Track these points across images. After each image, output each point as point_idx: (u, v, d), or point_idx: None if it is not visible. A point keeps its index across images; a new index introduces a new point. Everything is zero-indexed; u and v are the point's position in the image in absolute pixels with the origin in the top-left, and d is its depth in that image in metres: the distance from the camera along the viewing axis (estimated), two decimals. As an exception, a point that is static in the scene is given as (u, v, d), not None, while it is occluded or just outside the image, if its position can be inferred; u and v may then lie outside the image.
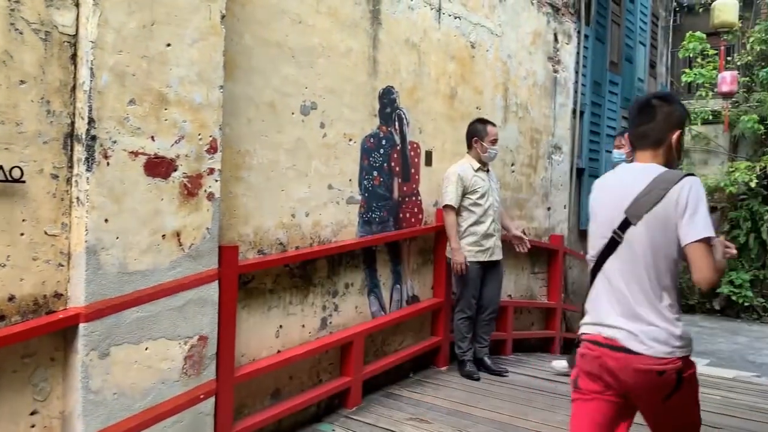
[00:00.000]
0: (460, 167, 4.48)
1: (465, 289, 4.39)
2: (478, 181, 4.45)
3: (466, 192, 4.42)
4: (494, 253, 4.48)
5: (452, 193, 4.39)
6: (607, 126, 7.23)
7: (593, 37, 6.82)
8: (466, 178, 4.42)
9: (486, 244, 4.44)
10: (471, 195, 4.43)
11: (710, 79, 12.18)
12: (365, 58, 3.93)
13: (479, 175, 4.47)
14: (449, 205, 4.39)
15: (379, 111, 4.05)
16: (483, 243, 4.43)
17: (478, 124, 4.56)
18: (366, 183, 3.96)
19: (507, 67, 5.35)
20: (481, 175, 4.49)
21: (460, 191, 4.40)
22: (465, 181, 4.41)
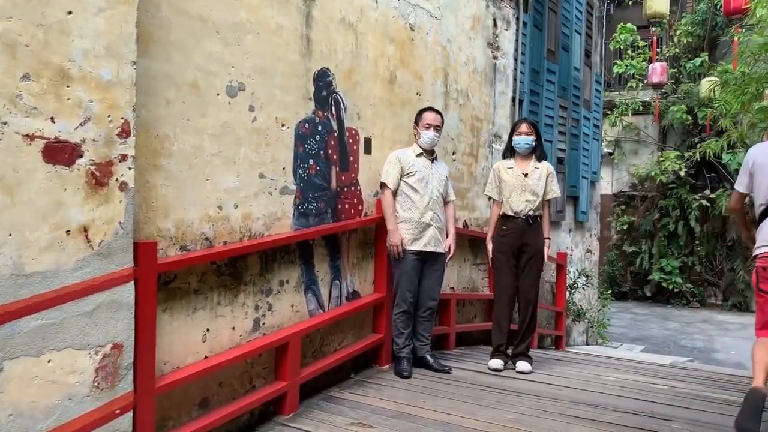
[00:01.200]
0: (402, 151, 4.37)
1: (400, 281, 4.21)
2: (417, 165, 4.28)
3: (403, 174, 4.26)
4: (430, 243, 4.28)
5: (388, 173, 4.25)
6: (545, 115, 7.17)
7: (531, 24, 6.73)
8: (405, 160, 4.28)
9: (421, 234, 4.25)
10: (407, 178, 4.26)
11: (641, 70, 12.45)
12: (298, 37, 3.65)
13: (419, 161, 4.31)
14: (385, 184, 4.24)
15: (315, 94, 3.78)
16: (417, 232, 4.24)
17: (420, 111, 4.44)
18: (301, 172, 3.69)
19: (447, 52, 5.16)
20: (421, 160, 4.32)
21: (398, 172, 4.25)
22: (402, 163, 4.27)
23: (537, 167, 4.54)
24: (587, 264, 9.09)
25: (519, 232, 4.46)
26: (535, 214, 4.48)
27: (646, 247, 13.66)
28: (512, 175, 4.54)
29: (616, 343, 9.62)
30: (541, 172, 4.53)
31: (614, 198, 14.46)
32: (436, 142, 4.40)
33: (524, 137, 4.51)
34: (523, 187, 4.48)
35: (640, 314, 12.59)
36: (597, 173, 9.35)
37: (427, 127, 4.32)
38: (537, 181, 4.49)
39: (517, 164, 4.58)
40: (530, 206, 4.45)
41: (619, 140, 14.35)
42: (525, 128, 4.53)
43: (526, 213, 4.45)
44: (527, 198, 4.46)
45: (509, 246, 4.47)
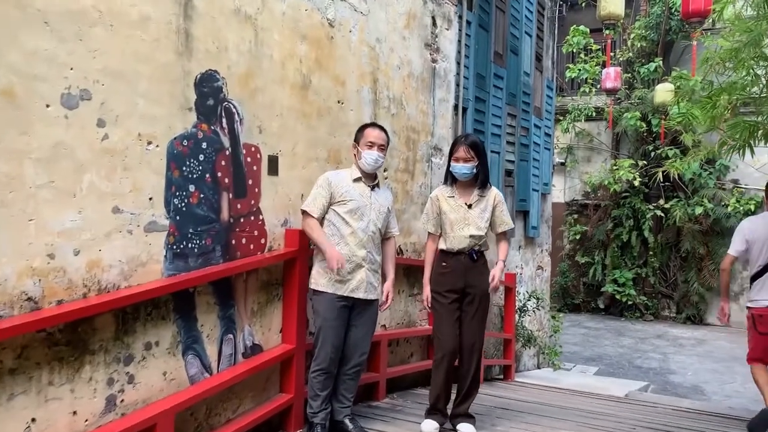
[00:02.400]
0: (335, 173, 3.62)
1: (322, 333, 3.42)
2: (352, 192, 3.52)
3: (333, 202, 3.48)
4: (360, 288, 3.49)
5: (314, 198, 3.48)
6: (492, 124, 6.53)
7: (476, 23, 6.08)
8: (337, 185, 3.51)
9: (350, 276, 3.46)
10: (338, 207, 3.48)
11: (594, 75, 12.00)
12: (172, 31, 2.86)
13: (356, 187, 3.55)
14: (305, 212, 3.47)
15: (197, 103, 3.00)
16: (345, 273, 3.44)
17: (361, 127, 3.69)
18: (177, 202, 2.90)
19: (376, 53, 4.43)
20: (358, 187, 3.56)
21: (325, 199, 3.47)
22: (334, 188, 3.50)
23: (482, 196, 3.80)
24: (538, 282, 8.51)
25: (461, 271, 3.73)
26: (481, 249, 3.79)
27: (599, 257, 13.24)
28: (453, 207, 3.79)
29: (569, 364, 9.08)
30: (486, 202, 3.80)
31: (566, 207, 14.01)
32: (380, 164, 3.60)
33: (462, 165, 3.72)
34: (465, 220, 3.75)
35: (593, 329, 12.13)
36: (548, 184, 8.78)
37: (370, 145, 3.55)
38: (482, 213, 3.78)
39: (459, 193, 3.82)
40: (474, 242, 3.74)
41: (571, 147, 13.90)
42: (463, 153, 3.72)
43: (470, 249, 3.75)
44: (471, 233, 3.72)
45: (450, 287, 3.74)
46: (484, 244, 3.81)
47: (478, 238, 3.75)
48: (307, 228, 3.47)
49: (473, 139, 3.83)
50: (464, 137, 3.87)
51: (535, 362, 8.47)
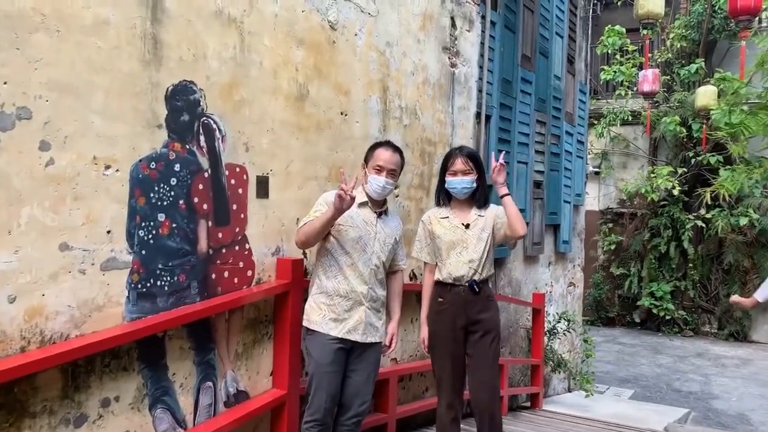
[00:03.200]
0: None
1: (314, 379, 2.97)
2: (355, 218, 3.01)
3: (336, 226, 2.98)
4: (358, 329, 3.00)
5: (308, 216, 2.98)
6: (519, 133, 6.04)
7: (502, 24, 5.60)
8: None
9: (347, 315, 2.98)
10: (337, 234, 2.98)
11: (630, 77, 11.36)
12: (137, 36, 2.47)
13: (360, 213, 3.04)
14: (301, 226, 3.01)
15: (168, 119, 2.61)
16: (341, 311, 2.97)
17: (371, 149, 3.17)
18: (143, 233, 2.51)
19: (386, 59, 4.00)
20: (363, 213, 3.05)
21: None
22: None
23: (481, 215, 3.33)
24: (570, 299, 7.97)
25: (462, 306, 3.25)
26: (483, 277, 3.31)
27: (635, 269, 12.56)
28: (448, 228, 3.32)
29: (602, 386, 8.51)
30: (486, 221, 3.31)
31: (601, 215, 13.35)
32: (387, 191, 3.10)
33: (460, 178, 3.26)
34: (463, 243, 3.28)
35: (628, 345, 11.49)
36: (581, 195, 8.24)
37: (378, 170, 3.04)
38: (481, 234, 3.29)
39: (454, 213, 3.36)
40: (474, 268, 3.26)
41: (606, 153, 13.25)
42: (460, 165, 3.26)
43: (470, 278, 3.26)
44: (470, 257, 3.26)
45: (450, 325, 3.27)
46: (486, 272, 3.31)
47: (479, 264, 3.26)
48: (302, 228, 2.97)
49: (470, 150, 3.41)
50: (459, 149, 3.41)
51: (565, 385, 7.94)
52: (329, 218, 2.85)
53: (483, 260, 3.28)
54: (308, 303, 3.06)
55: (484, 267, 3.29)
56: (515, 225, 3.24)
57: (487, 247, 3.29)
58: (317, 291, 3.02)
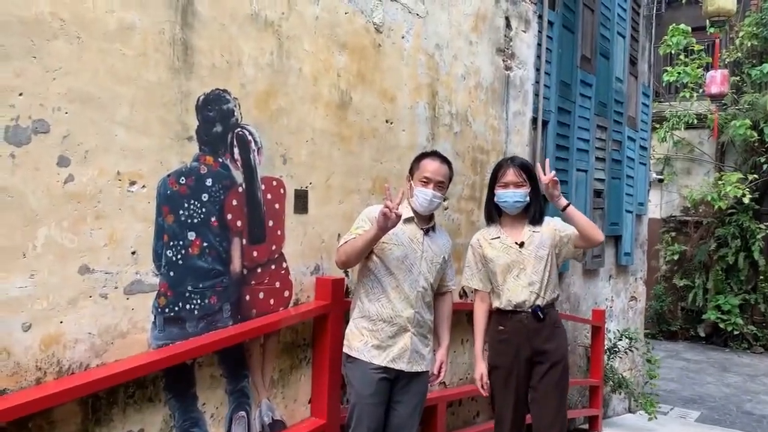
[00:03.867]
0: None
1: (355, 412, 2.72)
2: (400, 236, 2.75)
3: (379, 245, 2.72)
4: (403, 357, 2.74)
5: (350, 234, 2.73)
6: (578, 138, 5.69)
7: (560, 24, 5.27)
8: None
9: (391, 342, 2.73)
10: (381, 253, 2.72)
11: (696, 78, 10.77)
12: (165, 42, 2.30)
13: (406, 230, 2.77)
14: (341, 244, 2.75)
15: (200, 131, 2.43)
16: (385, 337, 2.73)
17: (417, 159, 2.89)
18: (171, 254, 2.34)
19: (435, 62, 3.75)
20: (409, 230, 2.79)
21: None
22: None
23: (536, 231, 3.01)
24: (631, 315, 7.52)
25: (525, 335, 2.95)
26: (547, 301, 2.99)
27: (700, 281, 11.90)
28: (501, 249, 3.01)
29: (665, 406, 8.01)
30: (542, 237, 2.99)
31: (663, 223, 12.73)
32: (435, 205, 2.81)
33: (513, 191, 2.94)
34: (520, 264, 2.97)
35: (692, 361, 10.87)
36: (644, 204, 7.78)
37: (425, 182, 2.77)
38: (538, 251, 2.96)
39: (506, 231, 3.05)
40: (536, 292, 2.94)
41: (669, 158, 12.63)
42: (512, 176, 2.94)
43: (532, 304, 2.95)
44: (529, 280, 2.94)
45: (512, 357, 2.96)
46: (550, 295, 2.99)
47: (540, 286, 2.94)
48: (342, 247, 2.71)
49: (523, 160, 3.09)
50: (510, 159, 3.08)
51: (625, 405, 7.49)
52: (372, 237, 2.61)
53: (545, 282, 2.96)
54: (349, 327, 2.83)
55: (547, 289, 2.97)
56: (590, 233, 2.93)
57: (548, 266, 2.98)
58: (359, 315, 2.79)
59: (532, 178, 2.97)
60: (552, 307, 3.03)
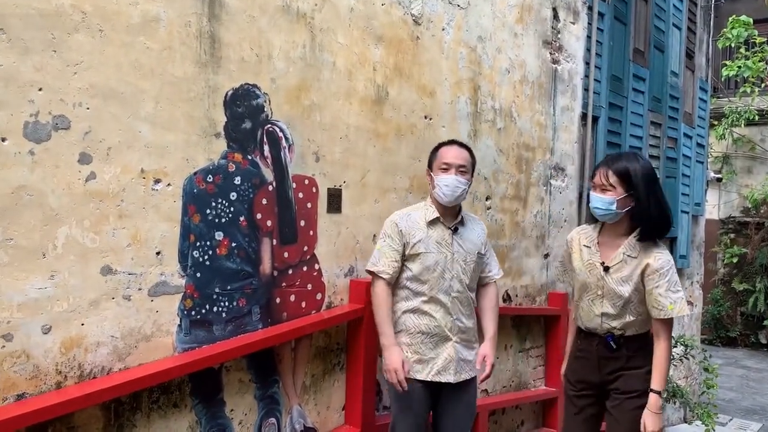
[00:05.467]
0: (404, 214, 2.64)
1: (397, 426, 2.60)
2: (426, 241, 2.58)
3: (405, 255, 2.59)
4: (448, 369, 2.60)
5: (382, 253, 2.58)
6: (630, 135, 5.42)
7: (611, 15, 5.03)
8: (409, 231, 2.58)
9: (433, 354, 2.59)
10: (410, 262, 2.58)
11: (757, 72, 10.22)
12: (191, 36, 2.22)
13: (432, 233, 2.60)
14: (373, 273, 2.58)
15: (228, 127, 2.35)
16: (426, 350, 2.59)
17: (435, 148, 2.72)
18: (198, 254, 2.26)
19: (477, 56, 3.59)
20: (436, 232, 2.61)
21: (397, 250, 2.56)
22: (406, 236, 2.58)
23: (632, 256, 2.47)
24: (687, 320, 7.16)
25: (595, 361, 2.60)
26: (626, 333, 2.53)
27: (762, 285, 11.30)
28: (584, 264, 2.60)
29: (724, 417, 7.60)
30: (634, 269, 2.46)
31: (721, 225, 12.16)
32: (461, 192, 2.59)
33: (597, 196, 2.49)
34: (599, 290, 2.55)
35: (753, 369, 10.33)
36: (700, 205, 7.40)
37: (445, 168, 2.59)
38: (622, 283, 2.48)
39: (602, 241, 2.59)
40: (610, 323, 2.54)
41: (728, 156, 12.05)
42: (599, 179, 2.49)
43: (604, 332, 2.57)
44: (603, 310, 2.53)
45: (581, 378, 2.66)
46: (630, 326, 2.52)
47: (614, 319, 2.52)
48: (376, 297, 2.57)
49: (617, 160, 2.48)
50: (610, 158, 2.54)
51: (680, 415, 7.15)
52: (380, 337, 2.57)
53: (622, 318, 2.51)
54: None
55: (625, 324, 2.52)
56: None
57: (629, 306, 2.49)
58: (396, 329, 2.62)
59: (630, 185, 2.42)
60: (629, 340, 2.53)
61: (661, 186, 2.53)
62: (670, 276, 2.41)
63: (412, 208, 2.71)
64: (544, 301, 4.24)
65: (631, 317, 2.49)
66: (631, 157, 2.50)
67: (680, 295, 2.41)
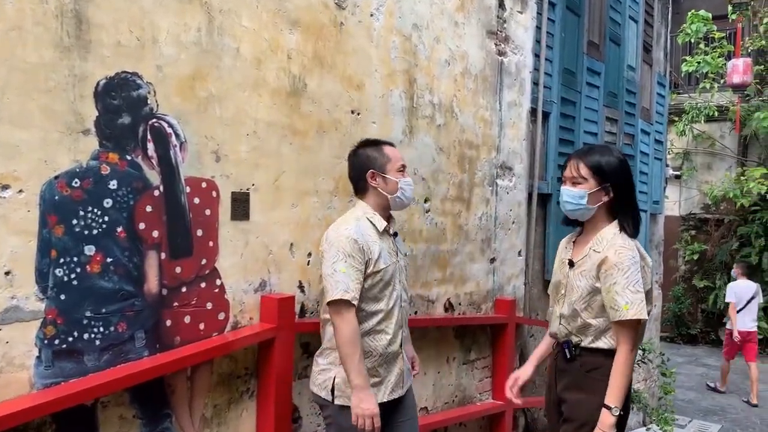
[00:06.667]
0: (354, 227, 2.31)
1: None
2: (384, 256, 2.35)
3: (366, 273, 2.29)
4: (400, 384, 2.43)
5: (347, 276, 2.23)
6: (584, 132, 5.19)
7: (563, 5, 4.78)
8: (368, 248, 2.29)
9: (387, 373, 2.38)
10: (370, 280, 2.30)
11: (716, 68, 10.17)
12: (49, 14, 1.87)
13: (384, 245, 2.37)
14: (344, 301, 2.22)
15: (99, 122, 2.00)
16: (382, 371, 2.37)
17: (369, 149, 2.45)
18: (62, 273, 1.91)
19: (412, 45, 3.29)
20: (386, 243, 2.40)
21: (361, 271, 2.26)
22: (366, 253, 2.28)
23: (596, 250, 2.22)
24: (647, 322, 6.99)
25: (553, 373, 2.41)
26: (582, 343, 2.25)
27: (722, 282, 11.25)
28: (559, 262, 2.44)
29: (683, 419, 7.46)
30: (594, 262, 2.21)
31: (682, 221, 12.11)
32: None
33: (568, 189, 2.28)
34: (564, 287, 2.35)
35: (713, 367, 10.26)
36: (659, 203, 7.24)
37: (402, 170, 2.44)
38: (580, 278, 2.26)
39: (577, 242, 2.38)
40: (567, 326, 2.31)
41: (688, 152, 12.00)
42: (570, 170, 2.29)
43: (562, 338, 2.34)
44: (563, 310, 2.33)
45: (547, 389, 2.49)
46: (587, 335, 2.24)
47: (569, 322, 2.29)
48: (344, 332, 2.21)
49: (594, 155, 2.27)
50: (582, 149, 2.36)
51: (639, 419, 6.97)
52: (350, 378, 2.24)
53: (576, 321, 2.26)
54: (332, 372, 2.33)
55: (580, 329, 2.26)
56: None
57: (584, 305, 2.23)
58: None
59: (604, 176, 2.22)
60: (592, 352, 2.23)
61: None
62: (630, 273, 2.13)
63: (353, 218, 2.36)
64: (490, 308, 3.97)
65: (588, 320, 2.22)
66: (605, 150, 2.33)
67: (640, 297, 2.12)
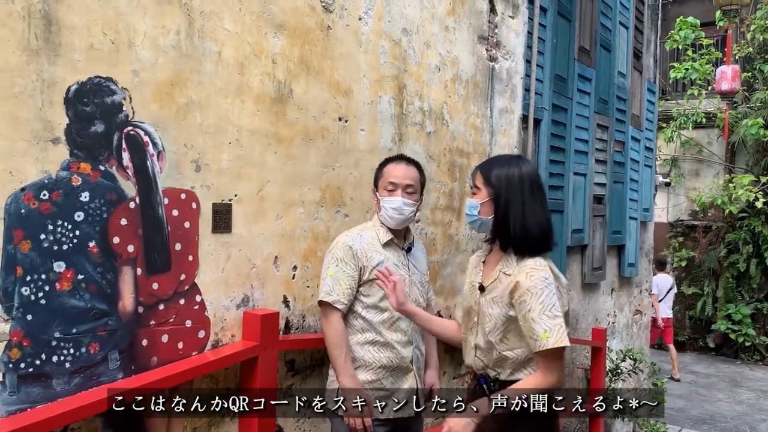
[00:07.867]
0: (354, 235, 2.44)
1: None
2: (388, 265, 2.33)
3: (363, 282, 2.38)
4: (411, 402, 2.36)
5: (336, 280, 2.35)
6: (576, 139, 5.12)
7: (554, 11, 4.70)
8: (364, 254, 2.39)
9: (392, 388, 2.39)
10: (367, 289, 2.39)
11: (704, 74, 10.17)
12: (15, 16, 1.75)
13: (390, 256, 2.43)
14: (327, 304, 2.35)
15: (70, 131, 1.88)
16: (388, 385, 2.39)
17: (382, 164, 2.57)
18: (28, 291, 1.79)
19: (402, 50, 3.19)
20: (392, 254, 2.45)
21: (353, 277, 2.36)
22: (362, 259, 2.38)
23: (507, 273, 1.99)
24: (636, 330, 6.94)
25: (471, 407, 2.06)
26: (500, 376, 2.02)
27: (710, 288, 11.29)
28: (469, 286, 2.18)
29: (674, 427, 7.43)
30: (505, 287, 1.98)
31: (670, 228, 12.12)
32: (409, 213, 2.45)
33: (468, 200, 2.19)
34: (476, 314, 2.09)
35: (702, 375, 10.26)
36: (649, 210, 7.20)
37: (391, 189, 2.43)
38: (492, 305, 2.01)
39: (487, 262, 2.13)
40: (482, 359, 2.07)
41: (676, 159, 12.01)
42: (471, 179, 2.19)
43: (479, 371, 2.10)
44: (477, 341, 2.08)
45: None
46: (505, 368, 2.01)
47: (485, 354, 2.04)
48: (330, 332, 2.34)
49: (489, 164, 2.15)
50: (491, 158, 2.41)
51: (629, 428, 6.91)
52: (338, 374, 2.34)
53: (491, 353, 2.02)
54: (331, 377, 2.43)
55: (496, 362, 2.02)
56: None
57: (497, 333, 2.00)
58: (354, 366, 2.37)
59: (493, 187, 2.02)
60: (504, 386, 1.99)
61: (539, 196, 2.04)
62: (545, 297, 1.90)
63: (359, 228, 2.51)
64: (481, 321, 3.87)
65: (504, 352, 1.99)
66: (507, 159, 2.20)
67: (559, 321, 1.89)
